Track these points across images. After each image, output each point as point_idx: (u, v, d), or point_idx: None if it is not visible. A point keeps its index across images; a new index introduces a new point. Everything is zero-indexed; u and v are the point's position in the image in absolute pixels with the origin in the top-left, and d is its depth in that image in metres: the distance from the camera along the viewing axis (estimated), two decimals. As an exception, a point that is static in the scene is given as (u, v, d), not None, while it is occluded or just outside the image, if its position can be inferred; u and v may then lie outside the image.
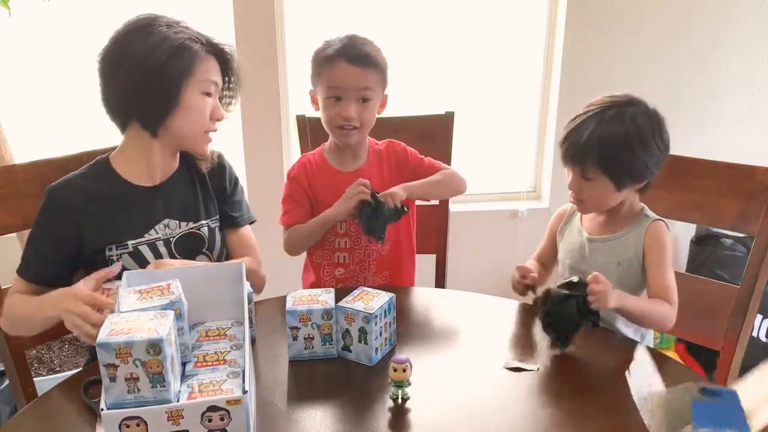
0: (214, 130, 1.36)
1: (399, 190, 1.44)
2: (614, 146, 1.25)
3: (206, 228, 1.39)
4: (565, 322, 1.17)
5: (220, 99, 1.38)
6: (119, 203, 1.32)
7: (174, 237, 1.35)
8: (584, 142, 1.26)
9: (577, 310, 1.16)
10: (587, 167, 1.28)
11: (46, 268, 1.28)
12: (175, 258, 1.33)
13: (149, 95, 1.25)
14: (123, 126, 1.33)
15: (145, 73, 1.23)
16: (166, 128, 1.29)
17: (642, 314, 1.27)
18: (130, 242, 1.30)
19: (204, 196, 1.42)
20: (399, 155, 1.56)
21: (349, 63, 1.42)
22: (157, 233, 1.33)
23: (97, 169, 1.34)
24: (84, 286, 1.14)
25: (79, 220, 1.28)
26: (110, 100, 1.29)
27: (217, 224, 1.43)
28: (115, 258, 1.29)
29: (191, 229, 1.37)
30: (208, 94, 1.32)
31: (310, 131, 1.71)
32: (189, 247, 1.35)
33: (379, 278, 1.56)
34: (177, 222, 1.36)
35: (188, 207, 1.39)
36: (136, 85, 1.24)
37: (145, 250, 1.31)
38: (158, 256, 1.31)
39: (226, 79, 1.38)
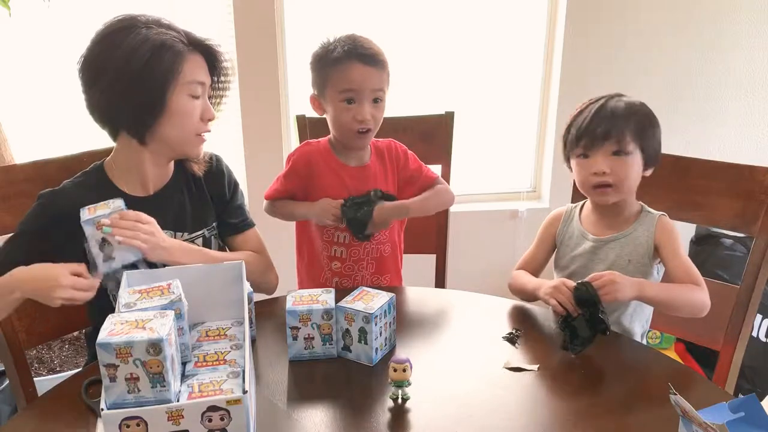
0: (207, 131, 1.31)
1: (404, 211, 1.46)
2: (645, 116, 1.28)
3: (201, 239, 1.36)
4: (578, 336, 1.18)
5: (210, 98, 1.33)
6: None
7: None
8: (621, 113, 1.27)
9: (587, 324, 1.18)
10: (625, 138, 1.27)
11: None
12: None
13: (132, 101, 1.20)
14: (113, 134, 1.29)
15: (126, 78, 1.18)
16: (154, 135, 1.25)
17: (669, 299, 1.26)
18: None
19: (200, 204, 1.38)
20: (400, 157, 1.56)
21: (363, 63, 1.39)
22: None
23: (91, 177, 1.31)
24: (65, 271, 1.11)
25: (70, 231, 1.22)
26: (94, 108, 1.24)
27: (214, 233, 1.40)
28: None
29: (186, 240, 1.33)
30: (196, 97, 1.26)
31: (310, 131, 1.71)
32: None
33: (380, 280, 1.56)
34: (171, 233, 1.31)
35: (183, 217, 1.35)
36: (118, 92, 1.20)
37: (140, 263, 1.26)
38: (152, 268, 1.25)
39: (215, 77, 1.32)
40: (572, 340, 1.18)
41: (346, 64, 1.40)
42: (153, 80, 1.20)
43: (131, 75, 1.18)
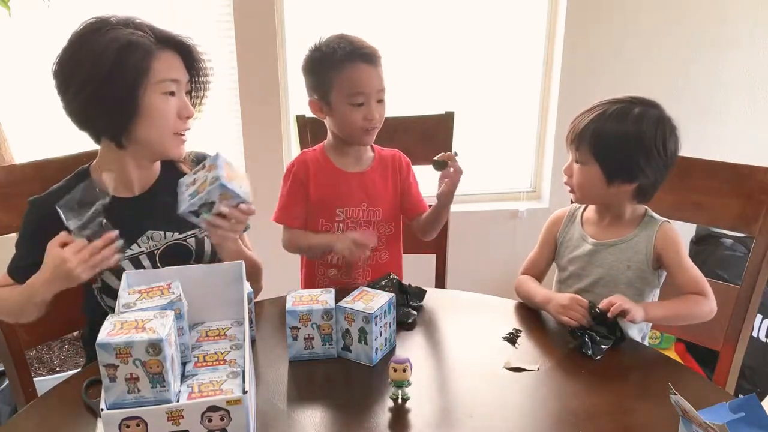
0: (187, 129, 1.28)
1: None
2: (610, 137, 1.27)
3: (193, 239, 1.34)
4: (597, 342, 1.19)
5: (189, 94, 1.30)
6: None
7: (159, 249, 1.30)
8: (583, 127, 1.29)
9: (606, 331, 1.20)
10: (582, 150, 1.30)
11: (27, 276, 1.24)
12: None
13: (104, 104, 1.18)
14: (95, 138, 1.28)
15: (95, 81, 1.16)
16: (131, 138, 1.23)
17: (677, 316, 1.28)
18: None
19: None
20: (403, 168, 1.54)
21: (367, 63, 1.38)
22: (140, 247, 1.29)
23: (77, 181, 1.27)
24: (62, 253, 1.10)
25: (57, 233, 1.20)
26: (70, 113, 1.23)
27: (207, 233, 1.36)
28: (96, 274, 1.23)
29: (177, 240, 1.32)
30: (171, 94, 1.23)
31: (310, 131, 1.71)
32: (175, 260, 1.27)
33: None
34: (161, 233, 1.30)
35: (173, 217, 1.30)
36: (89, 95, 1.18)
37: (127, 265, 1.26)
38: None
39: (192, 72, 1.29)
40: (592, 346, 1.18)
41: (350, 67, 1.38)
42: (122, 81, 1.17)
43: (100, 77, 1.16)
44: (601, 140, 1.27)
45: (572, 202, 1.48)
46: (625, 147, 1.26)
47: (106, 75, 1.16)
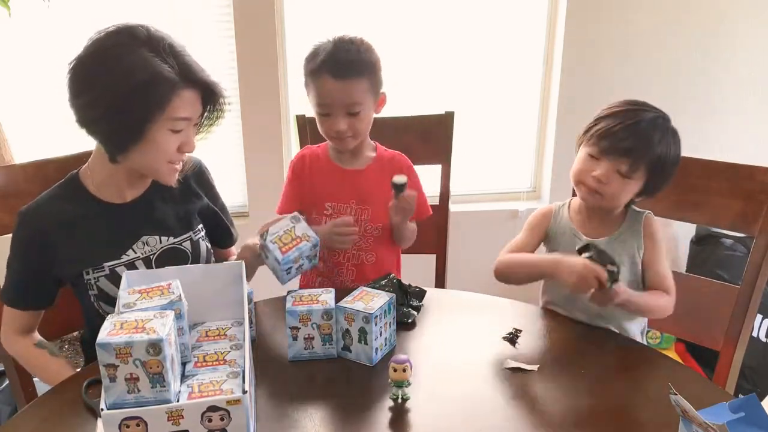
0: (183, 160, 1.28)
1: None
2: (671, 160, 1.28)
3: (189, 242, 1.34)
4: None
5: (198, 125, 1.28)
6: (91, 224, 1.25)
7: (155, 254, 1.29)
8: (647, 147, 1.25)
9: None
10: (638, 166, 1.26)
11: (26, 293, 1.26)
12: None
13: (112, 123, 1.16)
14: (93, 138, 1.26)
15: (111, 100, 1.14)
16: (126, 157, 1.21)
17: (646, 308, 1.31)
18: (107, 264, 1.24)
19: (185, 206, 1.36)
20: (402, 169, 1.52)
21: (335, 78, 1.36)
22: (136, 252, 1.27)
23: (67, 188, 1.28)
24: None
25: (51, 248, 1.21)
26: (75, 112, 1.20)
27: (201, 235, 1.37)
28: (92, 282, 1.24)
29: (173, 244, 1.31)
30: (177, 131, 1.21)
31: (310, 131, 1.71)
32: (171, 264, 1.20)
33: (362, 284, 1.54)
34: (157, 238, 1.30)
35: (168, 221, 1.32)
36: (100, 109, 1.15)
37: (123, 272, 1.22)
38: None
39: (210, 105, 1.26)
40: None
41: (318, 78, 1.38)
42: (137, 109, 1.15)
43: (116, 98, 1.14)
44: (663, 163, 1.28)
45: (587, 203, 1.44)
46: (674, 167, 1.30)
47: (123, 98, 1.14)
